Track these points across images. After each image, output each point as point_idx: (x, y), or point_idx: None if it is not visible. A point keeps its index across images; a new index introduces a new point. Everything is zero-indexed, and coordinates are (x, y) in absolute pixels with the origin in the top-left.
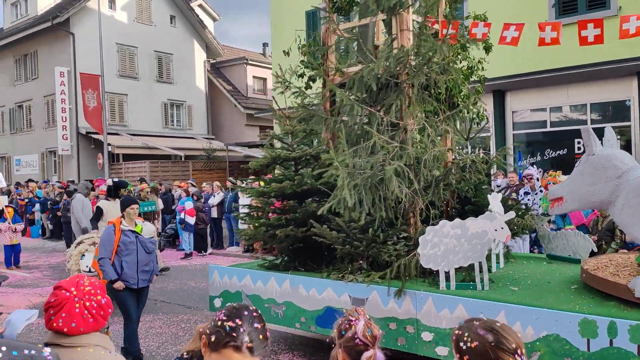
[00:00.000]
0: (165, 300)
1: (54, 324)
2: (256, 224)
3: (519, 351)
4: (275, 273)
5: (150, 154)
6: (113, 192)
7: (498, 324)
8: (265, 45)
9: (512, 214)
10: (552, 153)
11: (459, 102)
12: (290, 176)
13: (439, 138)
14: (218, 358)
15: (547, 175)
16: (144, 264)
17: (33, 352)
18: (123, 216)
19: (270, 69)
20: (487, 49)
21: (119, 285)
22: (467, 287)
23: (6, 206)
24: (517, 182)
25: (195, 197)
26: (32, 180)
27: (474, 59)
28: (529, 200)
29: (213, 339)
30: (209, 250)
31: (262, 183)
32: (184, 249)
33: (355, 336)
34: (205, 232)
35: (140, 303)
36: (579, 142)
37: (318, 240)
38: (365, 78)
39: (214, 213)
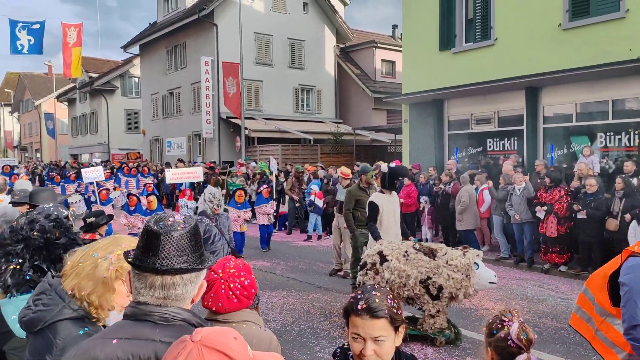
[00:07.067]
0: (297, 278)
1: (206, 303)
2: None
3: None
4: None
5: (282, 138)
6: (388, 181)
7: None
8: (394, 27)
9: None
10: None
11: None
12: None
13: None
14: (351, 329)
15: None
16: None
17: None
18: None
19: (400, 51)
20: None
21: None
22: None
23: (238, 189)
24: None
25: (325, 181)
26: (181, 161)
27: None
28: None
29: (343, 311)
30: None
31: None
32: (307, 231)
33: (508, 337)
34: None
35: None
36: None
37: None
38: None
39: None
